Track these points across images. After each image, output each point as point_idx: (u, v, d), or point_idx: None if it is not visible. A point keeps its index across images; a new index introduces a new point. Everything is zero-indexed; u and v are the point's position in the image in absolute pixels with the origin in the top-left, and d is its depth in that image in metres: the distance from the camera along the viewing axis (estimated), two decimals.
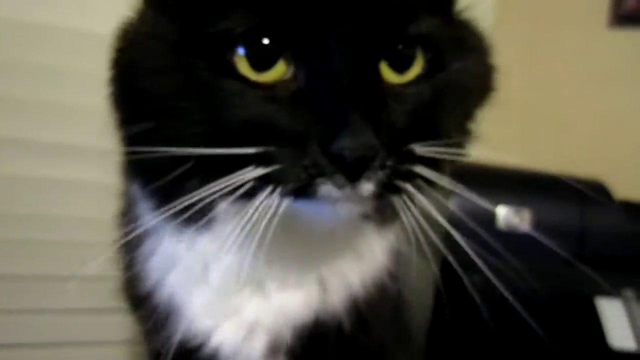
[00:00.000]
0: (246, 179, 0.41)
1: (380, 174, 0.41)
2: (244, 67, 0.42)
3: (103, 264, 0.48)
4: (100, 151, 0.49)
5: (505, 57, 1.34)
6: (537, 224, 0.80)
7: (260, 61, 0.42)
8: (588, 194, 0.85)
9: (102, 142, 0.48)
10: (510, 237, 0.79)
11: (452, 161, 0.49)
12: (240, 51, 0.42)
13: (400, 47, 0.44)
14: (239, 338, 0.54)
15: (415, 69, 0.45)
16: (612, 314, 0.75)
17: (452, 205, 0.67)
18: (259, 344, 0.54)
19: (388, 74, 0.44)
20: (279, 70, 0.42)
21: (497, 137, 1.29)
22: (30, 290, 0.99)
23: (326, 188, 0.41)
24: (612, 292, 0.77)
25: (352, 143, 0.39)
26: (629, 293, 0.78)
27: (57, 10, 0.94)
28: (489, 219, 0.79)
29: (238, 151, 0.41)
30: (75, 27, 0.94)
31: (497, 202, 0.80)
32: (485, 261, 0.63)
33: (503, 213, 0.80)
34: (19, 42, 0.93)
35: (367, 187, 0.41)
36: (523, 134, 1.28)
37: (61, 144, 0.97)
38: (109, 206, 0.60)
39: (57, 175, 0.98)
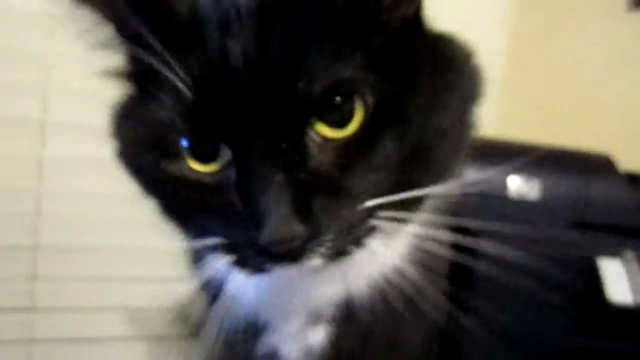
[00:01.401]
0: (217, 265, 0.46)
1: (322, 250, 0.41)
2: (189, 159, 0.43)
3: None
4: None
5: (527, 41, 1.43)
6: (545, 193, 0.88)
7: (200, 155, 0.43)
8: (593, 166, 0.93)
9: None
10: (520, 205, 0.88)
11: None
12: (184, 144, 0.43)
13: (333, 102, 0.40)
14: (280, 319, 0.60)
15: (355, 123, 0.41)
16: (612, 273, 0.83)
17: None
18: (298, 320, 0.60)
19: (328, 131, 0.41)
20: (215, 165, 0.43)
21: (521, 117, 1.37)
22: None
23: (279, 269, 0.42)
24: (613, 253, 0.86)
25: (274, 236, 0.39)
26: (629, 254, 0.86)
27: None
28: (501, 188, 0.87)
29: (204, 243, 0.44)
30: None
31: (508, 173, 0.88)
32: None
33: (514, 183, 0.88)
34: None
35: (314, 262, 0.42)
36: (545, 115, 1.33)
37: None
38: None
39: None
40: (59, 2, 0.42)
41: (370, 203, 0.41)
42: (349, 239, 0.42)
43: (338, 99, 0.40)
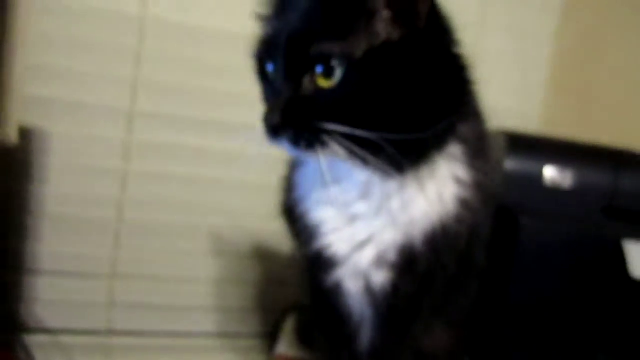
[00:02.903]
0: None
1: (289, 135, 0.65)
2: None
3: None
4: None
5: (571, 48, 1.53)
6: (577, 183, 0.99)
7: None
8: (622, 159, 1.04)
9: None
10: (555, 193, 0.99)
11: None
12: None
13: (317, 65, 0.63)
14: (350, 249, 0.74)
15: (335, 79, 0.63)
16: (636, 253, 0.94)
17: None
18: (368, 256, 0.74)
19: (322, 81, 0.64)
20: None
21: (563, 119, 1.46)
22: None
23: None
24: (638, 236, 0.96)
25: (265, 120, 0.65)
26: None
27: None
28: (538, 177, 0.99)
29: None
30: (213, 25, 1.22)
31: (544, 164, 0.99)
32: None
33: (549, 173, 0.99)
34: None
35: (285, 143, 0.65)
36: (586, 117, 1.42)
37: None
38: None
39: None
40: None
41: (328, 126, 0.63)
42: (305, 136, 0.64)
43: (324, 61, 0.63)
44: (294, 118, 0.64)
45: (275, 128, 0.65)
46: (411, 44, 0.64)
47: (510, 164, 0.98)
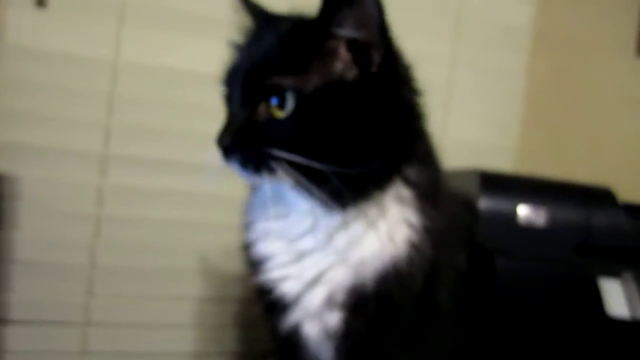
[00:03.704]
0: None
1: (238, 157, 0.67)
2: None
3: None
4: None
5: (542, 84, 1.57)
6: (551, 221, 0.99)
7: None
8: (595, 197, 1.05)
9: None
10: (529, 231, 0.99)
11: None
12: None
13: (272, 96, 0.67)
14: (300, 289, 0.74)
15: (287, 110, 0.66)
16: (612, 290, 0.94)
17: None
18: (319, 296, 0.73)
19: (275, 111, 0.67)
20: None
21: (537, 154, 1.48)
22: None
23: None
24: (613, 274, 0.96)
25: (218, 141, 0.68)
26: (627, 275, 0.97)
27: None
28: (512, 216, 0.99)
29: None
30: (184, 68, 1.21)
31: (518, 203, 1.00)
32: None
33: (523, 212, 1.00)
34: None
35: (234, 164, 0.68)
36: (559, 152, 1.44)
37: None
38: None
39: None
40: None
41: (276, 152, 0.66)
42: (253, 159, 0.67)
43: (277, 93, 0.67)
44: (244, 141, 0.68)
45: (227, 149, 0.68)
46: (362, 85, 0.68)
47: (484, 203, 0.98)
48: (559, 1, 1.48)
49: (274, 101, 0.67)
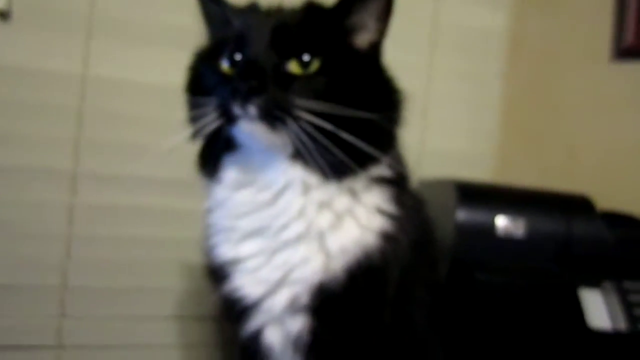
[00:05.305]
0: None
1: (262, 99, 0.65)
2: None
3: None
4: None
5: (519, 91, 1.55)
6: (530, 232, 0.98)
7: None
8: (573, 206, 1.03)
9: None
10: (508, 242, 0.97)
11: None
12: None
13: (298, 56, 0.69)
14: (260, 294, 0.72)
15: (313, 68, 0.69)
16: (592, 301, 0.93)
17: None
18: (281, 299, 0.71)
19: (297, 69, 0.68)
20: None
21: (516, 161, 1.47)
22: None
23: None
24: (593, 284, 0.95)
25: (238, 82, 0.66)
26: (608, 285, 0.96)
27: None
28: (490, 227, 0.97)
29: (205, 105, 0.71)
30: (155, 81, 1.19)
31: (496, 214, 0.98)
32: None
33: (502, 222, 0.98)
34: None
35: (251, 109, 0.65)
36: (538, 159, 1.43)
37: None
38: None
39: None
40: None
41: (300, 102, 0.66)
42: (278, 108, 0.66)
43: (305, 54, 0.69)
44: (272, 86, 0.66)
45: (252, 89, 0.65)
46: (369, 57, 0.75)
47: (462, 215, 0.97)
48: (534, 8, 1.48)
49: (305, 57, 0.68)
